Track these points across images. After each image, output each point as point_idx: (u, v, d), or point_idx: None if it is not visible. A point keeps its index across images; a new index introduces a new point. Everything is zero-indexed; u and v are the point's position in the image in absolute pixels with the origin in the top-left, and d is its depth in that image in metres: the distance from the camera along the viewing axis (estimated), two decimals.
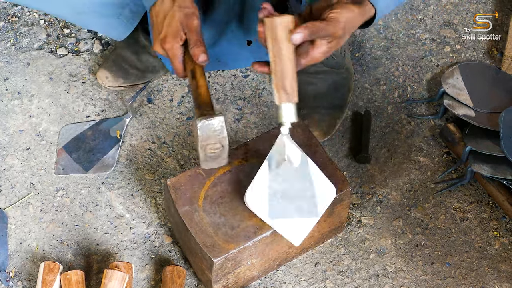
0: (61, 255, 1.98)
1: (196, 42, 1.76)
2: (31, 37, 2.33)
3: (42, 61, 2.29)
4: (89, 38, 2.34)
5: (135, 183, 2.09)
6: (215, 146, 1.77)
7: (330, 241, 2.02)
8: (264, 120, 2.21)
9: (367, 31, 2.36)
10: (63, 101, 2.22)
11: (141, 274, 1.96)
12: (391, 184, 2.11)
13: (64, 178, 2.09)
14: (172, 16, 1.77)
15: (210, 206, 1.86)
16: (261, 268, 1.92)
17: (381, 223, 2.05)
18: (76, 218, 2.04)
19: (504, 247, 2.02)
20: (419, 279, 1.97)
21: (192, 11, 1.77)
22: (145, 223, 2.03)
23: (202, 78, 1.78)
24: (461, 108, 2.15)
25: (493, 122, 2.08)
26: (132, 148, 2.15)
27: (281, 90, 1.67)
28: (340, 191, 1.88)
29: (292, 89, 1.67)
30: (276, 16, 1.66)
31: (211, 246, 1.80)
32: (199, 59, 1.75)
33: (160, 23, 1.78)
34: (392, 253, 2.01)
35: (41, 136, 2.16)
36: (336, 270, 1.98)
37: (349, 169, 2.13)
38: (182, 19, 1.76)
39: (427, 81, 2.28)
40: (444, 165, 2.15)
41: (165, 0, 1.78)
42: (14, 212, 2.04)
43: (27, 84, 2.24)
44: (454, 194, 2.10)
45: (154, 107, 2.22)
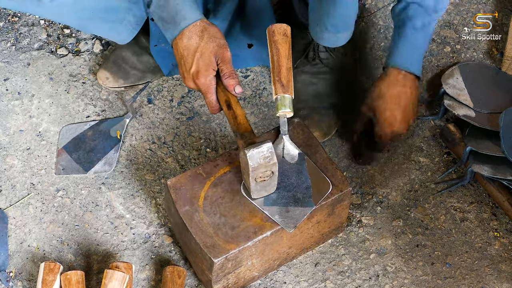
0: (61, 255, 1.98)
1: (231, 73, 1.80)
2: (31, 37, 2.33)
3: (43, 61, 2.29)
4: (89, 38, 2.34)
5: (135, 183, 2.09)
6: (265, 174, 1.78)
7: (330, 241, 2.02)
8: (264, 121, 2.21)
9: (367, 31, 2.36)
10: (63, 101, 2.22)
11: (141, 274, 1.96)
12: (391, 184, 2.11)
13: (64, 178, 2.09)
14: (205, 49, 1.79)
15: (210, 206, 1.86)
16: (261, 268, 1.92)
17: (381, 223, 2.05)
18: (76, 218, 2.04)
19: (504, 247, 2.02)
20: (419, 279, 1.97)
21: (224, 42, 1.81)
22: (145, 223, 2.03)
23: (238, 107, 1.81)
24: (461, 108, 2.14)
25: (493, 123, 2.08)
26: (132, 148, 2.15)
27: (277, 83, 1.82)
28: (340, 191, 1.88)
29: (288, 82, 1.83)
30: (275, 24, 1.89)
31: (211, 246, 1.80)
32: (236, 90, 1.80)
33: (190, 57, 1.80)
34: (392, 253, 2.01)
35: (41, 136, 2.16)
36: (336, 270, 1.98)
37: (349, 170, 2.14)
38: (216, 51, 1.79)
39: (427, 81, 2.28)
40: (444, 166, 2.15)
41: (192, 35, 1.80)
42: (14, 212, 2.04)
43: (28, 84, 2.24)
44: (454, 194, 2.10)
45: (154, 107, 2.22)
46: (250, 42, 2.22)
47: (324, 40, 2.03)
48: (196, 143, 2.16)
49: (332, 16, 1.93)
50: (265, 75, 2.29)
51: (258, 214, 1.85)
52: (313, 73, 2.19)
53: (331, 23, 1.95)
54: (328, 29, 1.97)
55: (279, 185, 1.84)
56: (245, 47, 2.22)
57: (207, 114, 2.21)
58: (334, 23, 1.95)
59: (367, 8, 2.40)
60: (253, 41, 2.22)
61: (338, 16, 1.93)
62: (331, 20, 1.95)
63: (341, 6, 1.89)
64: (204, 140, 2.17)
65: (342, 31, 1.99)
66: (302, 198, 1.85)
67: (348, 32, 2.01)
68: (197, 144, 2.16)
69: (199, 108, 2.22)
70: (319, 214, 1.89)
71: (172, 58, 2.16)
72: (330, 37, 2.00)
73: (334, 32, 1.98)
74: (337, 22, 1.95)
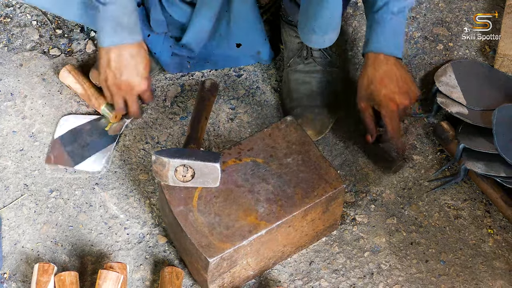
0: (55, 256, 1.97)
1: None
2: (23, 38, 2.32)
3: (35, 62, 2.28)
4: (81, 38, 2.33)
5: (129, 184, 2.09)
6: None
7: (325, 240, 2.02)
8: (258, 120, 2.21)
9: (360, 30, 2.36)
10: (56, 102, 2.22)
11: (135, 275, 1.95)
12: (385, 183, 2.12)
13: (58, 179, 2.09)
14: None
15: (204, 206, 1.86)
16: (256, 267, 1.92)
17: (375, 221, 2.05)
18: (70, 219, 2.03)
19: (498, 244, 2.02)
20: (414, 276, 1.97)
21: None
22: (140, 223, 2.03)
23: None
24: (454, 106, 2.15)
25: (486, 120, 2.08)
26: (125, 148, 2.15)
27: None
28: (334, 189, 1.89)
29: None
30: None
31: (207, 246, 1.80)
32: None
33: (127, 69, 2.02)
34: (387, 251, 2.01)
35: (34, 137, 2.15)
36: (330, 268, 1.98)
37: (343, 168, 2.14)
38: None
39: (420, 79, 2.29)
40: (437, 163, 2.15)
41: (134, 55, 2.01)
42: (8, 213, 2.03)
43: (20, 85, 2.24)
44: (448, 191, 2.10)
45: (147, 107, 2.22)
46: (239, 42, 2.23)
47: (312, 42, 2.05)
48: None
49: (319, 18, 1.93)
50: (258, 74, 2.29)
51: (253, 213, 1.85)
52: (306, 72, 2.19)
53: (318, 26, 1.96)
54: (315, 32, 1.98)
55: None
56: (233, 46, 2.23)
57: None
58: (321, 25, 1.96)
59: (359, 6, 2.40)
60: (242, 41, 2.22)
61: (324, 18, 1.94)
62: (317, 23, 1.95)
63: (326, 9, 1.91)
64: None
65: (329, 32, 2.00)
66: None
67: (335, 33, 2.01)
68: None
69: (192, 107, 2.22)
70: (313, 212, 1.89)
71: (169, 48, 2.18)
72: (317, 39, 2.01)
73: (321, 34, 1.99)
74: (323, 24, 1.96)
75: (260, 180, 1.90)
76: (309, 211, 1.88)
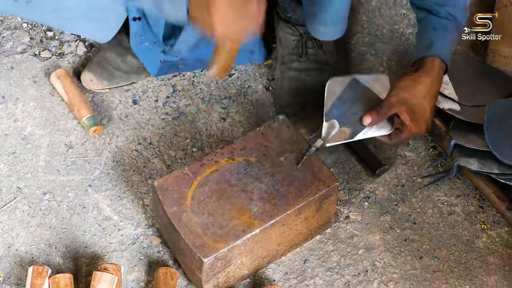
0: (50, 258, 1.97)
1: None
2: (14, 41, 2.32)
3: (26, 64, 2.28)
4: (72, 40, 2.33)
5: (122, 185, 2.09)
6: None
7: (319, 238, 2.02)
8: (250, 119, 2.21)
9: (351, 27, 2.36)
10: (48, 104, 2.21)
11: (130, 276, 1.95)
12: (378, 180, 2.12)
13: (51, 181, 2.08)
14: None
15: (198, 206, 1.86)
16: (251, 266, 1.92)
17: (369, 218, 2.06)
18: (63, 221, 2.03)
19: (492, 240, 2.03)
20: (408, 273, 1.98)
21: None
22: (133, 224, 2.03)
23: None
24: (446, 102, 2.15)
25: (478, 116, 2.09)
26: (118, 149, 2.14)
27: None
28: (327, 187, 1.89)
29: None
30: None
31: (201, 246, 1.80)
32: None
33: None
34: (381, 248, 2.01)
35: (26, 139, 2.15)
36: (325, 266, 1.99)
37: (336, 166, 2.14)
38: None
39: None
40: (430, 160, 2.15)
41: None
42: (1, 216, 2.03)
43: (11, 88, 2.23)
44: (441, 188, 2.11)
45: (139, 108, 2.22)
46: None
47: (323, 34, 2.08)
48: (182, 143, 2.16)
49: (330, 10, 1.97)
50: (250, 73, 2.29)
51: (246, 212, 1.85)
52: (301, 70, 2.19)
53: (329, 17, 2.00)
54: (327, 23, 2.02)
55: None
56: None
57: (193, 114, 2.21)
58: (332, 16, 2.00)
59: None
60: None
61: (335, 10, 1.98)
62: (329, 14, 1.99)
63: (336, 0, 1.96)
64: (190, 140, 2.17)
65: (340, 23, 2.04)
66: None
67: (344, 24, 2.06)
68: (183, 144, 2.16)
69: (184, 108, 2.21)
70: (307, 210, 1.89)
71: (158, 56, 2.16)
72: (328, 30, 2.05)
73: (333, 25, 2.03)
74: (334, 15, 2.00)
75: (253, 179, 1.90)
76: (302, 210, 1.88)
